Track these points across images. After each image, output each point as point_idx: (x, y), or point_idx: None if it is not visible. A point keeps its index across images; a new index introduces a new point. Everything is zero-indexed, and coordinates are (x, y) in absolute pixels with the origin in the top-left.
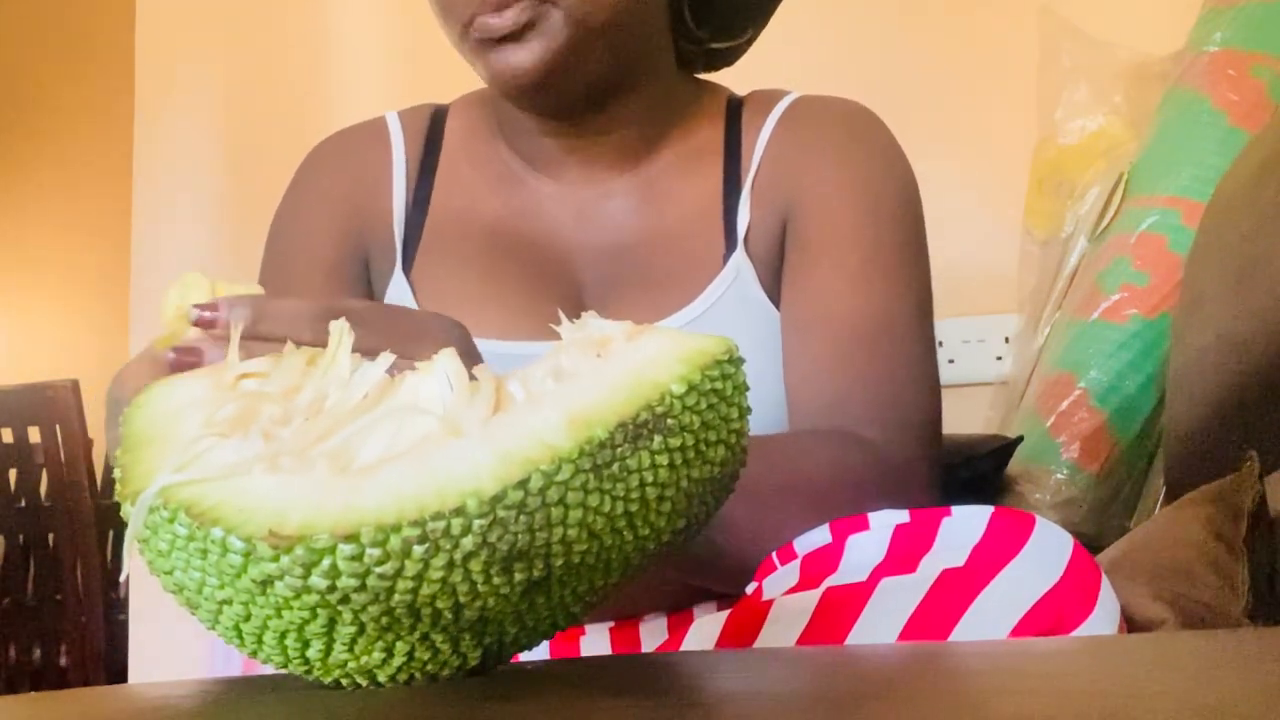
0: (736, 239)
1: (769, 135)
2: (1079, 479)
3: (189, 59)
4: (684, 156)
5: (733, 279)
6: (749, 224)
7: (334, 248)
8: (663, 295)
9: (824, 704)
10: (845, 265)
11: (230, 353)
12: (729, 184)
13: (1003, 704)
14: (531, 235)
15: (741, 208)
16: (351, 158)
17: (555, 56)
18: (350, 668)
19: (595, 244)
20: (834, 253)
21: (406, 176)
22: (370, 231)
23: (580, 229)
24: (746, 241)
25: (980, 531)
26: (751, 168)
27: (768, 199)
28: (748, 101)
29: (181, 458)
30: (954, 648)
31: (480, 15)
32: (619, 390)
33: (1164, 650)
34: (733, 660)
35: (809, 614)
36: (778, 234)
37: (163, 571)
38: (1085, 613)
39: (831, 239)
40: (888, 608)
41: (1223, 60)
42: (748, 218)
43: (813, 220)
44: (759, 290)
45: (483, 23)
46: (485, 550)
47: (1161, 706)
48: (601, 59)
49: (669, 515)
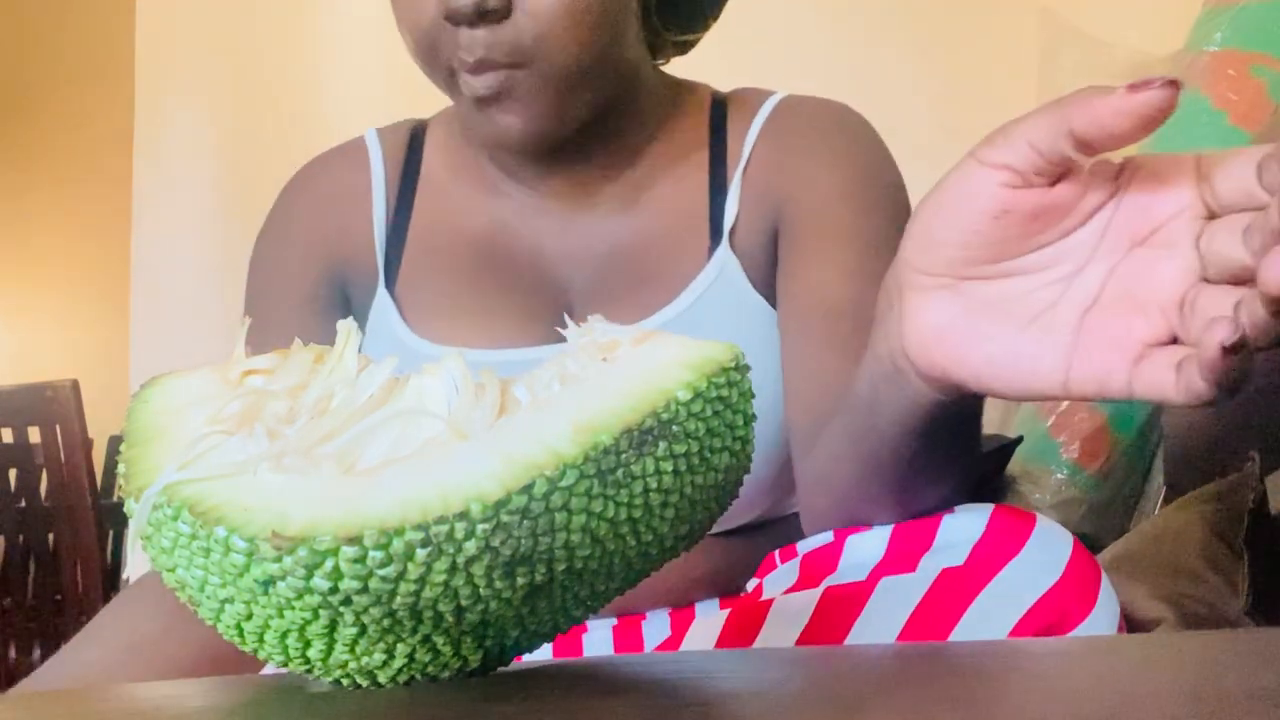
0: (722, 234)
1: (757, 133)
2: (1079, 479)
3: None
4: (668, 157)
5: (718, 274)
6: (735, 219)
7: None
8: (648, 294)
9: (824, 704)
10: (842, 259)
11: (236, 349)
12: (714, 180)
13: (1002, 704)
14: (515, 245)
15: (728, 204)
16: (327, 186)
17: (541, 119)
18: (351, 668)
19: (580, 250)
20: (830, 248)
21: (386, 194)
22: (348, 256)
23: (564, 237)
24: (732, 236)
25: (980, 530)
26: (739, 164)
27: (756, 196)
28: (732, 100)
29: (186, 455)
30: (954, 647)
31: (462, 74)
32: (625, 396)
33: (1164, 650)
34: (733, 660)
35: (809, 613)
36: (766, 232)
37: (165, 569)
38: (1085, 611)
39: (828, 235)
40: (888, 606)
41: (1223, 60)
42: (734, 213)
43: (807, 219)
44: (746, 284)
45: (466, 82)
46: (488, 554)
47: (1161, 706)
48: (588, 100)
49: (672, 521)
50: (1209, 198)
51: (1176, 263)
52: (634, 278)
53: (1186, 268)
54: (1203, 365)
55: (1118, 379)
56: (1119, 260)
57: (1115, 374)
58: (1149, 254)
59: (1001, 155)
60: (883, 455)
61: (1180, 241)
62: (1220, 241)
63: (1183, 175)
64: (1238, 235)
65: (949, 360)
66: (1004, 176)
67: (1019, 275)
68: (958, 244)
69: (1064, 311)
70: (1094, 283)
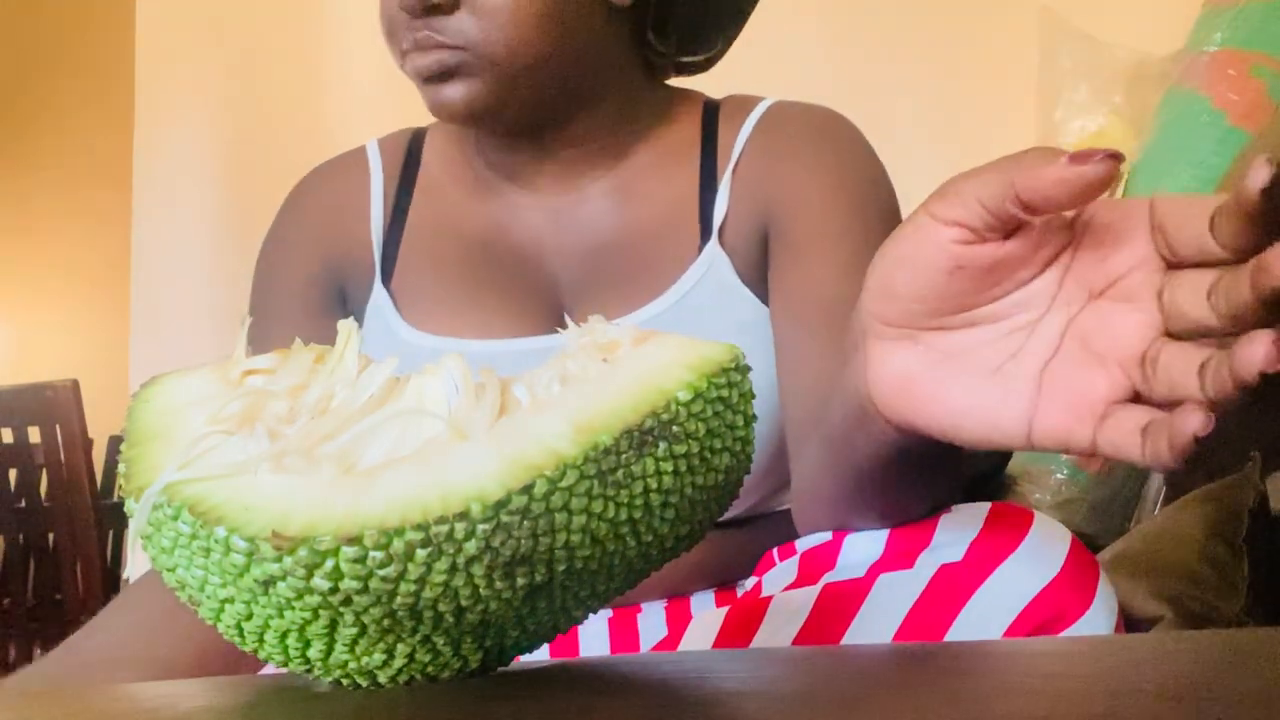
0: (711, 230)
1: (748, 135)
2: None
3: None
4: (660, 155)
5: (707, 268)
6: (725, 216)
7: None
8: (637, 289)
9: (823, 703)
10: (835, 257)
11: (237, 348)
12: (705, 178)
13: (1002, 704)
14: (508, 242)
15: (718, 200)
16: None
17: (480, 97)
18: (351, 668)
19: (572, 246)
20: (823, 247)
21: (384, 196)
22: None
23: (556, 233)
24: (722, 233)
25: (978, 526)
26: (730, 162)
27: (747, 195)
28: (724, 104)
29: (186, 455)
30: (952, 647)
31: (410, 53)
32: (625, 397)
33: (1163, 649)
34: (732, 659)
35: (807, 610)
36: (756, 232)
37: (165, 568)
38: (1083, 608)
39: (820, 235)
40: (886, 603)
41: (1223, 60)
42: (724, 210)
43: (799, 220)
44: (735, 279)
45: (413, 60)
46: (488, 555)
47: (1159, 706)
48: (535, 91)
49: (672, 522)
50: (1163, 249)
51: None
52: (624, 271)
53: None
54: (1173, 447)
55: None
56: (1078, 311)
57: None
58: (1108, 307)
59: (953, 212)
60: (863, 479)
61: (1140, 295)
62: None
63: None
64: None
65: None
66: (956, 233)
67: (979, 325)
68: (914, 298)
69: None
70: (1053, 333)
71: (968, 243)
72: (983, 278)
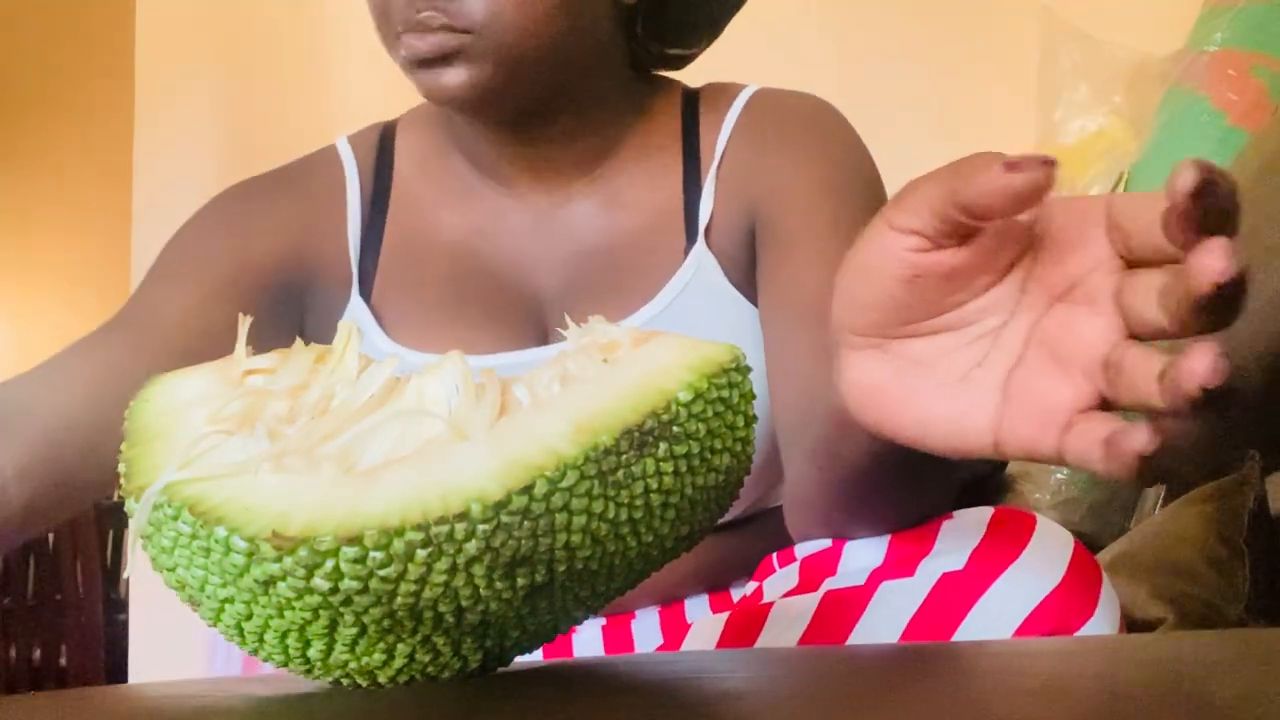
0: (697, 232)
1: (730, 129)
2: (1079, 479)
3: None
4: (642, 155)
5: (695, 272)
6: (710, 217)
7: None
8: (626, 295)
9: (824, 704)
10: (822, 253)
11: (237, 347)
12: (688, 178)
13: (1003, 704)
14: (492, 250)
15: (703, 201)
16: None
17: (481, 83)
18: (351, 668)
19: (557, 252)
20: (812, 242)
21: (361, 204)
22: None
23: (541, 239)
24: (708, 234)
25: (980, 534)
26: (713, 161)
27: (732, 193)
28: (704, 95)
29: (186, 454)
30: (953, 647)
31: (406, 35)
32: (626, 397)
33: (1163, 650)
34: (733, 660)
35: (808, 617)
36: (743, 229)
37: (165, 568)
38: (1086, 615)
39: (805, 230)
40: (887, 611)
41: (1223, 60)
42: (709, 211)
43: (786, 215)
44: (724, 281)
45: (409, 43)
46: (488, 555)
47: (1161, 707)
48: (536, 79)
49: (673, 522)
50: (1121, 248)
51: (1099, 320)
52: (610, 278)
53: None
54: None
55: (1046, 445)
56: (1040, 316)
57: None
58: (1070, 311)
59: (907, 220)
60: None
61: (1100, 298)
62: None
63: (1092, 225)
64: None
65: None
66: (911, 241)
67: (944, 332)
68: (876, 307)
69: (991, 370)
70: (1018, 339)
71: (924, 250)
72: (942, 285)
